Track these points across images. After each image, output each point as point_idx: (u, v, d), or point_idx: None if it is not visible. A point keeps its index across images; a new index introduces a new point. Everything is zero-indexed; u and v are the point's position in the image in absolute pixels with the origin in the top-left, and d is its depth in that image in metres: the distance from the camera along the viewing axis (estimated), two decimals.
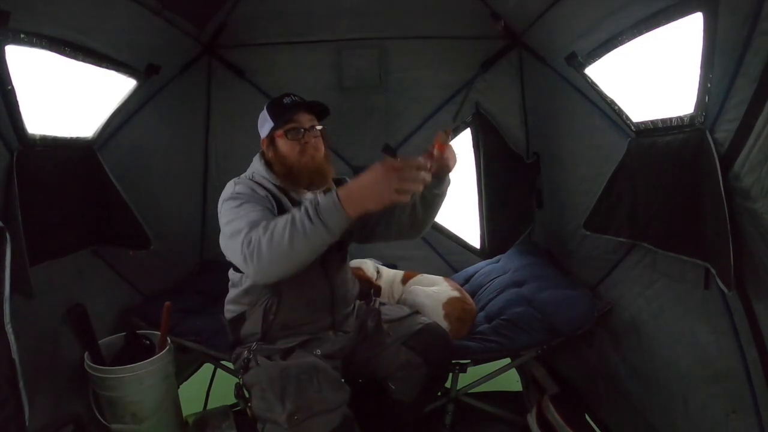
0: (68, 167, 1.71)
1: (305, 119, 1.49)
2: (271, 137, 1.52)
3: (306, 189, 1.52)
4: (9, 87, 1.37)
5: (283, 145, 1.49)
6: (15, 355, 1.22)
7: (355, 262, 2.15)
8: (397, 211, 1.55)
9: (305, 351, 1.46)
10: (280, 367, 1.39)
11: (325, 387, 1.36)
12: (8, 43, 1.33)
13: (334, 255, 1.55)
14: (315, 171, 1.49)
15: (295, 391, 1.33)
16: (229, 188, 1.46)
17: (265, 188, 1.47)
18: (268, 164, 1.54)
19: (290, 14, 2.53)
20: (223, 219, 1.38)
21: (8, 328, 1.21)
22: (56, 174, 1.63)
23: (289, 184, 1.51)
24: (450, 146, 1.40)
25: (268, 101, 1.57)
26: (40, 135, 1.55)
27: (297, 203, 1.49)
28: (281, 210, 1.43)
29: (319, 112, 1.53)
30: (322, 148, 1.53)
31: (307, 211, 1.17)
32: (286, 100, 1.51)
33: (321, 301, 1.54)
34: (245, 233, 1.23)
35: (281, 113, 1.49)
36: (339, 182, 1.67)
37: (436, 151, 1.35)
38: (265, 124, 1.53)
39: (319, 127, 1.51)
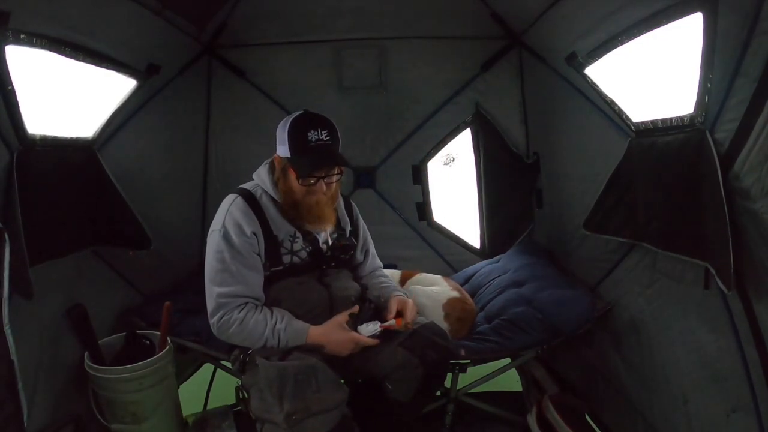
0: (68, 167, 1.71)
1: (324, 169, 1.50)
2: (284, 164, 1.52)
3: (308, 226, 1.56)
4: (9, 87, 1.37)
5: (293, 181, 1.51)
6: (14, 357, 1.22)
7: None
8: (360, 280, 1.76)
9: (303, 351, 1.46)
10: (278, 367, 1.39)
11: (323, 387, 1.36)
12: (8, 43, 1.33)
13: (330, 270, 1.61)
14: (316, 216, 1.54)
15: (293, 391, 1.33)
16: (220, 217, 1.51)
17: (261, 213, 1.51)
18: (276, 180, 1.56)
19: (290, 14, 2.53)
20: (208, 252, 1.51)
21: (7, 330, 1.21)
22: (56, 174, 1.63)
23: (293, 213, 1.54)
24: (407, 312, 1.55)
25: (292, 119, 1.51)
26: (40, 135, 1.54)
27: (293, 221, 1.55)
28: (269, 240, 1.50)
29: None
30: (333, 187, 1.55)
31: (278, 338, 1.44)
32: (311, 137, 1.45)
33: (320, 306, 1.56)
34: (219, 307, 1.46)
35: (301, 155, 1.47)
36: (345, 200, 1.74)
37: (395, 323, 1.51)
38: (282, 146, 1.51)
39: (336, 174, 1.53)
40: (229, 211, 1.51)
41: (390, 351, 1.53)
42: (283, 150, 1.52)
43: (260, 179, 1.59)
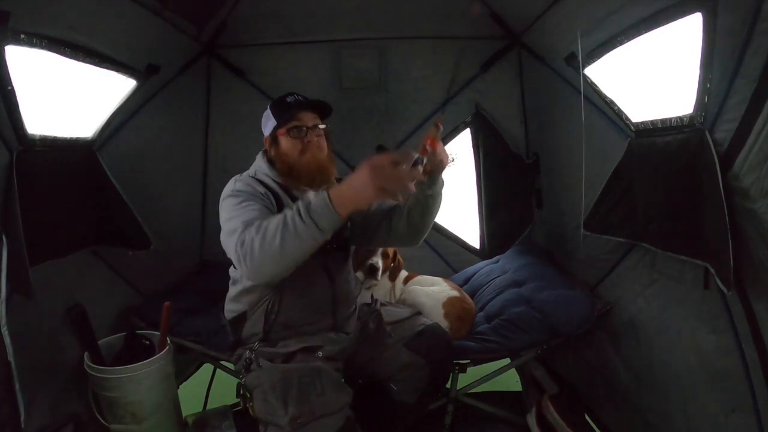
0: (68, 167, 1.71)
1: (308, 118, 1.49)
2: (273, 135, 1.52)
3: (308, 187, 1.49)
4: (9, 87, 1.37)
5: (285, 143, 1.49)
6: (11, 358, 1.22)
7: None
8: (395, 218, 1.53)
9: (307, 354, 1.46)
10: (282, 370, 1.39)
11: (327, 390, 1.36)
12: (8, 43, 1.33)
13: (336, 255, 1.55)
14: (316, 170, 1.49)
15: (298, 394, 1.33)
16: (230, 185, 1.46)
17: (266, 185, 1.47)
18: (271, 162, 1.54)
19: (290, 14, 2.53)
20: (222, 215, 1.39)
21: (4, 330, 1.21)
22: (56, 174, 1.63)
23: (290, 182, 1.51)
24: (440, 143, 1.33)
25: (271, 101, 1.57)
26: (40, 135, 1.54)
27: (292, 199, 1.49)
28: (281, 208, 1.43)
29: (323, 111, 1.54)
30: (325, 147, 1.53)
31: (299, 211, 1.17)
32: (290, 98, 1.51)
33: (323, 302, 1.54)
34: (239, 233, 1.24)
35: (284, 111, 1.50)
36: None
37: (428, 147, 1.27)
38: (268, 123, 1.54)
39: (322, 126, 1.52)
40: (235, 180, 1.48)
41: (395, 352, 1.53)
42: (269, 125, 1.53)
43: (256, 166, 1.58)
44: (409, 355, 1.53)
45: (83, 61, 1.67)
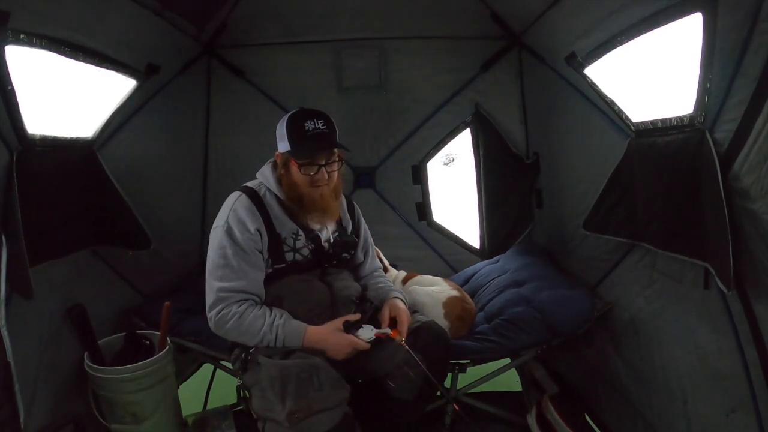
0: (68, 167, 1.71)
1: (323, 155, 1.51)
2: (286, 160, 1.53)
3: (311, 217, 1.56)
4: (9, 87, 1.37)
5: (296, 173, 1.52)
6: (11, 359, 1.22)
7: None
8: (361, 276, 1.78)
9: (305, 350, 1.46)
10: (280, 366, 1.39)
11: (325, 385, 1.37)
12: (8, 43, 1.33)
13: (331, 269, 1.60)
14: (320, 208, 1.54)
15: (296, 389, 1.34)
16: (224, 213, 1.51)
17: (264, 211, 1.51)
18: (279, 177, 1.57)
19: (290, 14, 2.53)
20: (210, 247, 1.51)
21: (4, 331, 1.21)
22: (56, 174, 1.63)
23: (294, 207, 1.54)
24: (403, 317, 1.55)
25: (289, 115, 1.54)
26: (40, 135, 1.54)
27: (296, 218, 1.55)
28: (272, 236, 1.51)
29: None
30: (335, 177, 1.56)
31: (277, 335, 1.43)
32: (308, 126, 1.49)
33: (321, 304, 1.56)
34: (218, 301, 1.46)
35: (300, 144, 1.49)
36: (347, 200, 1.74)
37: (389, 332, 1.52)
38: (282, 141, 1.54)
39: (336, 159, 1.54)
40: (233, 207, 1.52)
41: (392, 349, 1.53)
42: (283, 145, 1.54)
43: (264, 177, 1.60)
44: (405, 352, 1.53)
45: (83, 61, 1.66)
